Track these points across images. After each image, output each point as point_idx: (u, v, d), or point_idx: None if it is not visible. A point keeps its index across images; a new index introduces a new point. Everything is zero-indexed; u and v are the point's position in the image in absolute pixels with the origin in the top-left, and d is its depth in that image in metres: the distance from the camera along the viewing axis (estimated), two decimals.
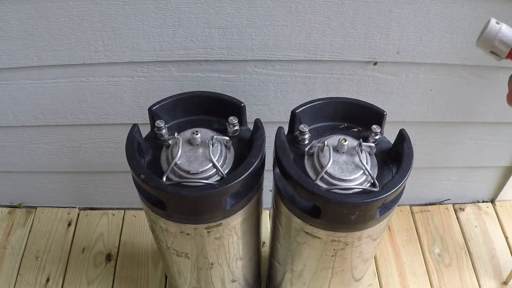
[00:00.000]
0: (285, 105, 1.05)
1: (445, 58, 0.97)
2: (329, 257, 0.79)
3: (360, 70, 0.99)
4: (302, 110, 0.78)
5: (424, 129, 1.16)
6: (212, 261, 0.84)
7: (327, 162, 0.70)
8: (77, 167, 1.24)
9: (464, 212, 1.40)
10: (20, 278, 1.22)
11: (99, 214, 1.36)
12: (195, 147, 0.72)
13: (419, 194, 1.38)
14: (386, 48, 0.94)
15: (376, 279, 1.24)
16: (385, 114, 0.77)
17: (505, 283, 1.24)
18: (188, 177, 0.70)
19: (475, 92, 1.06)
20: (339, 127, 0.81)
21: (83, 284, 1.21)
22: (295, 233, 0.79)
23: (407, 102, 1.07)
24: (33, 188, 1.33)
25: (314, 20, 0.89)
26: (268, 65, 0.97)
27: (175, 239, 0.79)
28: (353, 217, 0.69)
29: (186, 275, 0.91)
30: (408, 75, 1.01)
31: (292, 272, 0.91)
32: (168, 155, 0.73)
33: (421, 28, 0.91)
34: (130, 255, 1.27)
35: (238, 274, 0.94)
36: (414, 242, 1.32)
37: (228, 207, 0.72)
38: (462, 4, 0.87)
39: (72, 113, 1.08)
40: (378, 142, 0.77)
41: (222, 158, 0.73)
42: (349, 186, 0.69)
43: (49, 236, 1.31)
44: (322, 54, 0.95)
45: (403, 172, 0.69)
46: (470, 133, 1.18)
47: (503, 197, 1.41)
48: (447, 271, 1.26)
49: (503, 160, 1.28)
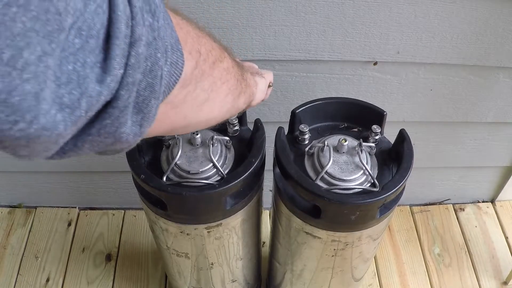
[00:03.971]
0: (285, 105, 1.05)
1: (445, 58, 0.97)
2: (329, 257, 0.79)
3: (360, 70, 0.99)
4: (302, 110, 0.78)
5: (424, 129, 1.16)
6: (212, 261, 0.84)
7: (327, 162, 0.70)
8: (77, 167, 1.24)
9: (464, 212, 1.40)
10: (20, 278, 1.22)
11: (99, 214, 1.36)
12: (195, 147, 0.72)
13: (419, 194, 1.38)
14: (386, 48, 0.94)
15: (376, 279, 1.24)
16: (385, 114, 0.77)
17: (505, 283, 1.24)
18: (188, 177, 0.70)
19: (475, 92, 1.06)
20: (339, 127, 0.81)
21: (83, 284, 1.21)
22: (295, 233, 0.79)
23: (407, 102, 1.07)
24: (33, 188, 1.33)
25: (314, 20, 0.89)
26: (268, 65, 0.97)
27: (175, 239, 0.79)
28: (353, 217, 0.69)
29: (186, 275, 0.91)
30: (408, 75, 1.01)
31: (292, 272, 0.91)
32: (168, 155, 0.73)
33: (421, 28, 0.91)
34: (130, 255, 1.27)
35: (238, 274, 0.94)
36: (414, 242, 1.32)
37: (228, 207, 0.72)
38: (462, 4, 0.87)
39: None
40: (378, 142, 0.77)
41: (222, 158, 0.73)
42: (349, 186, 0.69)
43: (49, 236, 1.31)
44: (322, 54, 0.95)
45: (403, 172, 0.69)
46: (470, 133, 1.18)
47: (503, 197, 1.41)
48: (447, 271, 1.26)
49: (503, 160, 1.28)
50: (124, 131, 0.29)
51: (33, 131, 0.23)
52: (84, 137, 0.28)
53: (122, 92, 0.27)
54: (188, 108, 0.38)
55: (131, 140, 0.31)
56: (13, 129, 0.23)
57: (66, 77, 0.24)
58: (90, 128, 0.28)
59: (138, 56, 0.27)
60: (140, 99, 0.29)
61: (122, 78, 0.27)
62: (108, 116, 0.28)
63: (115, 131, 0.29)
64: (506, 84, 1.04)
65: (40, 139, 0.24)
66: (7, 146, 0.25)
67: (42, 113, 0.23)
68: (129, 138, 0.30)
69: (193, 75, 0.36)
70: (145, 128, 0.31)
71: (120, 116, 0.28)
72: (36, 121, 0.23)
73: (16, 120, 0.22)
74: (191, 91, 0.37)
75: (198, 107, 0.39)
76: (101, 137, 0.29)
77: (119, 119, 0.28)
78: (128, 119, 0.29)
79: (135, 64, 0.27)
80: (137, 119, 0.30)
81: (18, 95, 0.22)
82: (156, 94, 0.30)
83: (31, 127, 0.23)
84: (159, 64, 0.29)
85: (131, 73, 0.27)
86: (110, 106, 0.27)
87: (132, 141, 0.31)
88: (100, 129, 0.28)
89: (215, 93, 0.41)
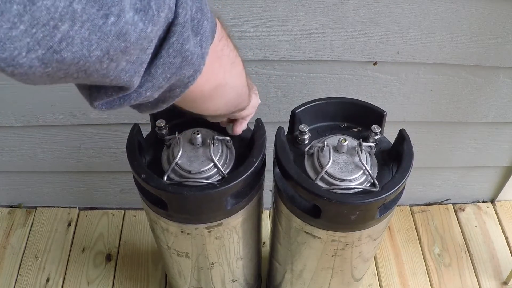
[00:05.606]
0: (285, 105, 1.05)
1: (445, 58, 0.97)
2: (329, 257, 0.79)
3: (360, 70, 0.99)
4: (302, 110, 0.78)
5: (424, 129, 1.16)
6: (212, 261, 0.84)
7: (327, 162, 0.70)
8: (77, 167, 1.24)
9: (464, 212, 1.40)
10: (20, 278, 1.22)
11: (99, 214, 1.36)
12: (196, 147, 0.72)
13: (419, 194, 1.38)
14: (386, 48, 0.94)
15: (376, 279, 1.24)
16: (385, 114, 0.77)
17: (505, 283, 1.24)
18: (189, 177, 0.70)
19: (475, 92, 1.06)
20: (339, 127, 0.81)
21: (83, 284, 1.21)
22: (295, 233, 0.79)
23: (407, 102, 1.07)
24: (33, 188, 1.33)
25: (314, 20, 0.89)
26: (268, 65, 0.97)
27: (176, 239, 0.79)
28: (353, 217, 0.69)
29: (187, 275, 0.91)
30: (408, 75, 1.01)
31: (292, 272, 0.91)
32: (169, 155, 0.73)
33: (421, 28, 0.91)
34: (130, 255, 1.27)
35: (239, 274, 0.94)
36: (414, 242, 1.32)
37: (229, 206, 0.72)
38: (462, 4, 0.87)
39: (72, 113, 1.08)
40: (378, 142, 0.77)
41: (223, 158, 0.73)
42: (349, 186, 0.69)
43: (49, 236, 1.31)
44: (322, 54, 0.95)
45: (403, 172, 0.69)
46: (470, 133, 1.18)
47: (503, 197, 1.41)
48: (447, 271, 1.26)
49: (503, 160, 1.28)
50: (188, 49, 0.35)
51: (122, 25, 0.28)
52: (156, 61, 0.34)
53: (179, 10, 0.33)
54: (226, 62, 0.46)
55: (195, 61, 0.36)
56: (107, 24, 0.27)
57: None
58: (160, 51, 0.34)
59: None
60: (195, 22, 0.36)
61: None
62: (173, 34, 0.33)
63: (181, 48, 0.34)
64: (506, 84, 1.04)
65: (131, 38, 0.29)
66: (110, 60, 0.30)
67: (126, 10, 0.28)
68: (194, 59, 0.36)
69: (221, 30, 0.44)
70: (205, 50, 0.37)
71: (183, 32, 0.34)
72: (122, 15, 0.28)
73: (106, 14, 0.27)
74: (225, 45, 0.45)
75: (230, 65, 0.47)
76: (170, 58, 0.34)
77: (182, 34, 0.34)
78: (191, 38, 0.35)
79: None
80: (197, 40, 0.36)
81: None
82: (206, 17, 0.36)
83: (120, 21, 0.28)
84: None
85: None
86: (172, 25, 0.33)
87: (196, 64, 0.37)
88: (169, 48, 0.34)
89: (238, 59, 0.50)
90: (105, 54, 0.29)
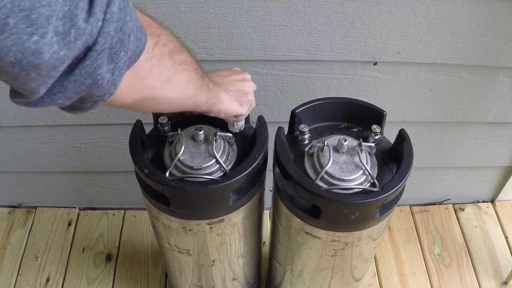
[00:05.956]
0: (285, 105, 1.05)
1: (445, 58, 0.97)
2: (329, 257, 0.79)
3: (360, 70, 0.99)
4: (302, 110, 0.78)
5: (424, 129, 1.16)
6: (213, 258, 0.84)
7: (327, 162, 0.70)
8: (77, 167, 1.24)
9: (464, 212, 1.40)
10: (20, 278, 1.22)
11: (99, 214, 1.36)
12: (198, 143, 0.73)
13: (419, 194, 1.38)
14: (386, 48, 0.94)
15: (376, 279, 1.24)
16: (385, 114, 0.77)
17: (505, 283, 1.24)
18: (191, 173, 0.70)
19: (475, 92, 1.06)
20: (339, 127, 0.81)
21: (83, 284, 1.21)
22: (295, 233, 0.79)
23: (407, 102, 1.07)
24: (33, 188, 1.33)
25: (314, 20, 0.89)
26: (268, 65, 0.97)
27: (177, 236, 0.79)
28: (353, 217, 0.69)
29: (187, 273, 0.91)
30: (408, 75, 1.01)
31: (292, 272, 0.91)
32: (171, 151, 0.73)
33: (421, 28, 0.91)
34: (130, 255, 1.27)
35: (239, 272, 0.94)
36: (414, 242, 1.32)
37: (231, 202, 0.72)
38: (462, 4, 0.87)
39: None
40: (378, 142, 0.77)
41: (225, 154, 0.73)
42: (349, 186, 0.69)
43: (49, 236, 1.31)
44: (322, 54, 0.95)
45: (403, 172, 0.69)
46: (470, 133, 1.18)
47: (503, 197, 1.41)
48: (447, 271, 1.26)
49: (503, 160, 1.28)
50: (100, 73, 0.38)
51: (41, 46, 0.32)
52: (69, 77, 0.37)
53: (100, 39, 0.36)
54: (154, 81, 0.47)
55: (105, 85, 0.39)
56: (29, 41, 0.31)
57: (62, 14, 0.33)
58: (74, 69, 0.37)
59: (113, 14, 0.36)
60: (113, 51, 0.38)
61: (100, 28, 0.36)
62: (88, 58, 0.36)
63: (93, 72, 0.37)
64: (506, 84, 1.04)
65: (44, 57, 0.33)
66: (20, 68, 0.33)
67: (49, 32, 0.32)
68: (104, 83, 0.39)
69: (154, 51, 0.46)
70: (116, 77, 0.40)
71: (98, 59, 0.37)
72: (45, 36, 0.32)
73: (32, 32, 0.31)
74: (156, 65, 0.46)
75: (163, 83, 0.49)
76: (82, 77, 0.37)
77: (96, 61, 0.37)
78: (104, 64, 0.38)
79: (110, 19, 0.36)
80: (110, 68, 0.39)
81: (36, 14, 0.31)
82: (125, 48, 0.39)
83: (40, 42, 0.32)
84: (128, 25, 0.39)
85: (107, 25, 0.36)
86: (90, 50, 0.36)
87: (106, 88, 0.40)
88: (82, 69, 0.37)
89: (177, 76, 0.51)
90: (18, 62, 0.32)
